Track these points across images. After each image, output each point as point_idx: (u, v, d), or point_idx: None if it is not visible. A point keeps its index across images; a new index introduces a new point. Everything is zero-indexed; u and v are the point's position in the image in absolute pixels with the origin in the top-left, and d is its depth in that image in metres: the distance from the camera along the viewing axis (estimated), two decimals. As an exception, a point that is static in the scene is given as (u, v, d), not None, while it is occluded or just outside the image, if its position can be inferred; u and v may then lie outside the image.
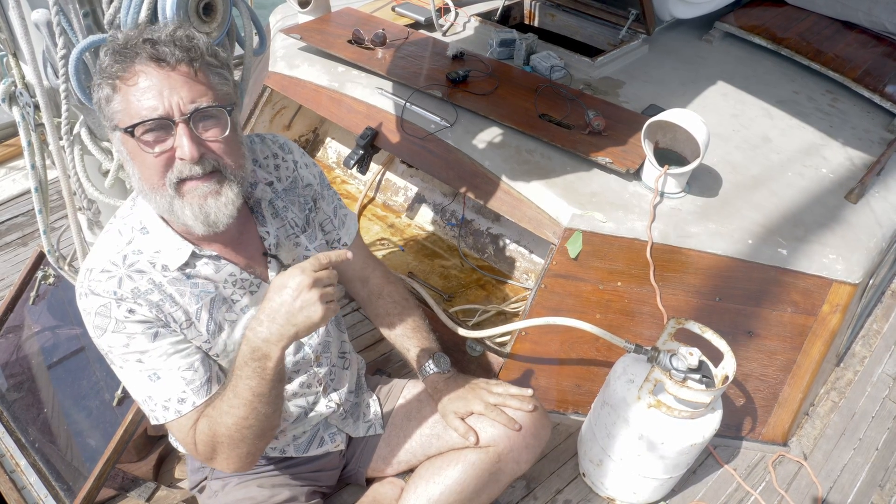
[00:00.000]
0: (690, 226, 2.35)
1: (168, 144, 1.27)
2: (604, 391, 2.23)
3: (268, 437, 1.49)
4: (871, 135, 3.11)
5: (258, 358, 1.32)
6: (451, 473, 1.80)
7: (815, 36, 3.73)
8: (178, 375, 1.41)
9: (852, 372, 2.94)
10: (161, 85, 1.24)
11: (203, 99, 1.28)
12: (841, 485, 2.47)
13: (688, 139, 2.38)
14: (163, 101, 1.24)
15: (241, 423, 1.38)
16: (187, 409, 1.43)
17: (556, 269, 2.37)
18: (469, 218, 3.27)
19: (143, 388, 1.42)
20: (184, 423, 1.44)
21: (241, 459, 1.47)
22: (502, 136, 2.64)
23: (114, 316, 1.37)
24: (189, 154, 1.26)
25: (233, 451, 1.44)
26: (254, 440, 1.44)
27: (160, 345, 1.40)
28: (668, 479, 2.21)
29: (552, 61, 3.10)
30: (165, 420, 1.44)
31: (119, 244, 1.42)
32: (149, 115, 1.24)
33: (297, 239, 1.64)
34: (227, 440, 1.42)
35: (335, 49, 3.06)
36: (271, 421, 1.44)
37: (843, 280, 2.34)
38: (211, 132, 1.31)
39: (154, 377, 1.40)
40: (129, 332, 1.38)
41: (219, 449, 1.44)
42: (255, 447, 1.46)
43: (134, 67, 1.24)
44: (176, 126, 1.26)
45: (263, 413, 1.39)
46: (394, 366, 2.70)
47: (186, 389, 1.42)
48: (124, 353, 1.39)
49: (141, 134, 1.26)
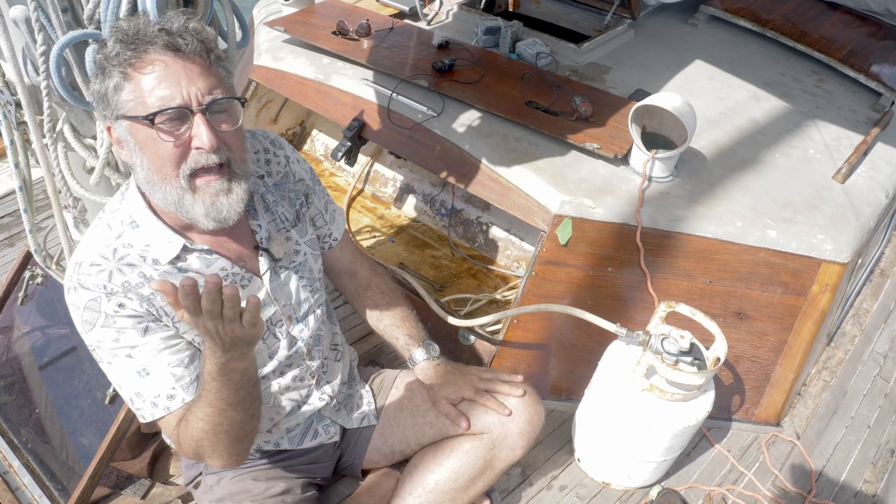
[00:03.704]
0: (679, 209, 2.35)
1: (184, 135, 1.27)
2: (597, 376, 2.24)
3: (248, 439, 1.47)
4: (857, 114, 3.12)
5: (226, 372, 1.29)
6: (445, 462, 1.81)
7: (799, 17, 3.74)
8: (168, 372, 1.40)
9: (843, 351, 2.96)
10: (179, 74, 1.24)
11: (218, 90, 1.29)
12: (834, 463, 2.49)
13: (675, 123, 2.38)
14: (181, 91, 1.24)
15: (217, 428, 1.37)
16: (176, 406, 1.41)
17: (547, 256, 2.37)
18: (459, 207, 3.27)
19: (133, 384, 1.40)
20: (171, 421, 1.43)
21: (225, 458, 1.45)
22: (490, 125, 2.63)
23: (103, 310, 1.35)
24: (208, 143, 1.26)
25: (215, 451, 1.42)
26: (232, 443, 1.42)
27: (151, 339, 1.39)
28: (663, 461, 2.22)
29: (538, 48, 3.10)
30: (153, 418, 1.42)
31: (109, 238, 1.41)
32: (167, 105, 1.23)
33: (287, 233, 1.63)
34: (207, 443, 1.40)
35: (320, 41, 3.04)
36: (248, 424, 1.42)
37: (831, 260, 2.35)
38: (225, 124, 1.32)
39: (144, 373, 1.39)
40: (119, 326, 1.36)
41: (201, 450, 1.43)
42: (236, 448, 1.45)
43: (148, 56, 1.23)
44: (193, 116, 1.26)
45: (239, 419, 1.37)
46: (386, 357, 2.70)
47: (176, 386, 1.40)
48: (114, 347, 1.37)
49: (160, 122, 1.25)
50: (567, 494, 2.30)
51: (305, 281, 1.66)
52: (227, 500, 1.76)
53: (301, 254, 1.65)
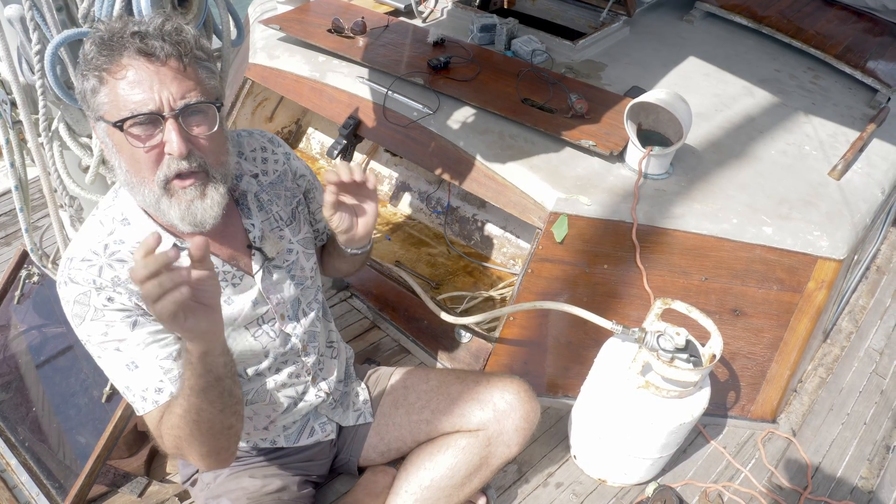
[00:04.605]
0: (675, 206, 2.35)
1: (156, 139, 1.26)
2: (592, 373, 2.24)
3: (224, 436, 1.37)
4: (853, 111, 3.13)
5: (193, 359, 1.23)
6: (441, 459, 1.81)
7: (795, 13, 3.74)
8: (156, 364, 1.38)
9: (839, 348, 2.97)
10: (151, 79, 1.23)
11: (192, 94, 1.26)
12: (830, 460, 2.49)
13: (670, 120, 2.38)
14: (153, 96, 1.22)
15: (186, 415, 1.29)
16: (164, 399, 1.37)
17: (543, 254, 2.37)
18: (455, 205, 3.27)
19: (122, 378, 1.38)
20: (156, 415, 1.38)
21: (204, 455, 1.37)
22: (485, 122, 2.63)
23: (92, 304, 1.34)
24: (178, 150, 1.25)
25: (191, 447, 1.35)
26: (205, 437, 1.33)
27: (139, 333, 1.37)
28: (659, 458, 2.22)
29: (533, 45, 3.10)
30: (144, 411, 1.38)
31: (101, 234, 1.40)
32: (138, 110, 1.22)
33: (281, 232, 1.63)
34: (182, 434, 1.33)
35: (315, 39, 3.04)
36: (220, 419, 1.32)
37: (827, 256, 2.36)
38: (199, 128, 1.30)
39: (132, 366, 1.37)
40: (107, 319, 1.35)
41: (180, 443, 1.36)
42: (212, 444, 1.36)
43: (122, 60, 1.22)
44: (165, 121, 1.25)
45: (207, 409, 1.29)
46: (383, 355, 2.70)
47: (164, 379, 1.37)
48: (103, 341, 1.36)
49: (129, 127, 1.24)
50: (563, 491, 2.30)
51: (297, 280, 1.66)
52: (223, 497, 1.76)
53: (294, 252, 1.65)
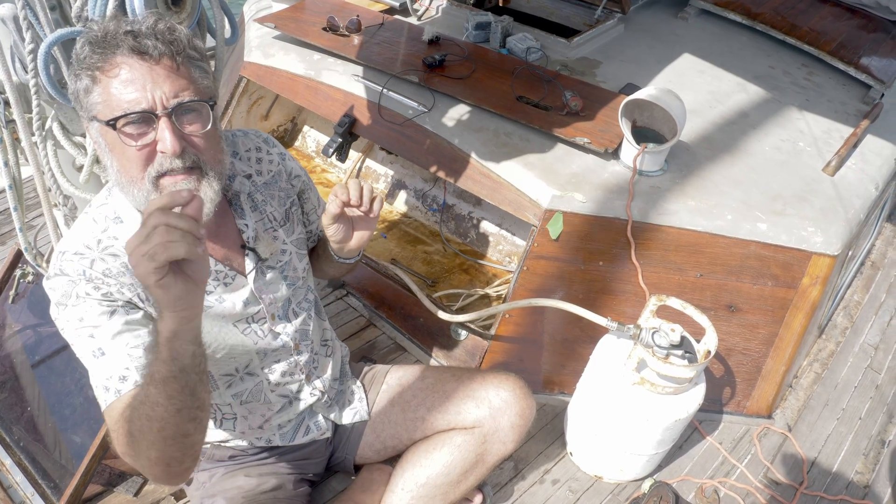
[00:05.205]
0: (670, 203, 2.35)
1: (149, 138, 1.25)
2: (588, 370, 2.24)
3: (178, 444, 1.22)
4: (847, 107, 3.13)
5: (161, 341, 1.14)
6: (437, 457, 1.82)
7: (789, 10, 3.74)
8: (124, 353, 1.30)
9: (834, 343, 2.98)
10: (144, 78, 1.23)
11: (185, 93, 1.26)
12: (825, 454, 2.50)
13: (665, 117, 2.38)
14: (146, 95, 1.22)
15: (140, 407, 1.19)
16: (127, 389, 1.27)
17: (538, 251, 2.38)
18: (450, 203, 3.27)
19: (90, 365, 1.31)
20: (117, 407, 1.27)
21: (154, 464, 1.24)
22: (480, 120, 2.63)
23: (75, 292, 1.33)
24: (171, 148, 1.24)
25: (141, 449, 1.22)
26: (156, 442, 1.20)
27: (115, 322, 1.33)
28: (655, 454, 2.23)
29: (528, 43, 3.10)
30: (106, 403, 1.27)
31: (94, 230, 1.40)
32: (131, 108, 1.22)
33: (275, 232, 1.63)
34: (134, 434, 1.22)
35: (310, 37, 3.04)
36: (175, 421, 1.18)
37: (822, 252, 2.36)
38: (193, 126, 1.29)
39: (98, 353, 1.30)
40: (87, 306, 1.33)
41: (131, 443, 1.24)
42: (163, 452, 1.22)
43: (115, 59, 1.22)
44: (158, 120, 1.24)
45: (163, 408, 1.16)
46: (379, 353, 2.70)
47: (130, 367, 1.28)
48: (78, 328, 1.33)
49: (122, 126, 1.24)
50: (559, 488, 2.30)
51: (290, 280, 1.67)
52: (218, 496, 1.76)
53: (287, 253, 1.65)
